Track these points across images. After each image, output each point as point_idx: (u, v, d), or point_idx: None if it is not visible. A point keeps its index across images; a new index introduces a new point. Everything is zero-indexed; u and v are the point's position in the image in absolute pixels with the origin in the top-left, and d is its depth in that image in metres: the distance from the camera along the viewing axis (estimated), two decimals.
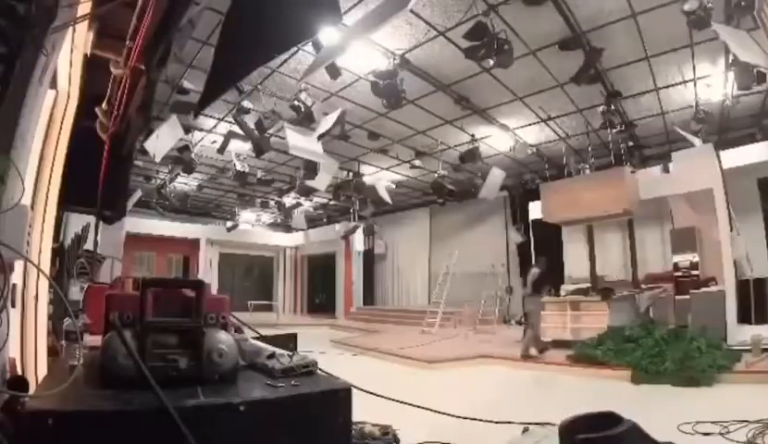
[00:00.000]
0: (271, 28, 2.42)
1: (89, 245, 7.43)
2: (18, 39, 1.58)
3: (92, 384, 1.40)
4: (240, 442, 1.32)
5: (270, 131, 10.09)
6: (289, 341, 5.35)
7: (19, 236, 1.78)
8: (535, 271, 9.85)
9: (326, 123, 8.81)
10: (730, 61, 7.65)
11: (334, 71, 7.64)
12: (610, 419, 1.69)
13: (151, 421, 1.21)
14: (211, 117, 10.70)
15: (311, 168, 11.55)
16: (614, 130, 10.27)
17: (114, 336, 1.40)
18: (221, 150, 11.23)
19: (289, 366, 1.66)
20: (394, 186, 16.86)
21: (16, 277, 2.56)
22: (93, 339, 2.08)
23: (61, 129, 3.60)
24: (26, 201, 2.35)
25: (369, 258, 22.25)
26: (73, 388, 1.31)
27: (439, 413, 4.23)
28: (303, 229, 22.59)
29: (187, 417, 1.25)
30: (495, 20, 6.77)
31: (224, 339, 1.56)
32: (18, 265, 2.52)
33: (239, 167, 12.84)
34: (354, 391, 1.58)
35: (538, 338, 9.19)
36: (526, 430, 4.76)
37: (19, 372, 2.66)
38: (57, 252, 5.83)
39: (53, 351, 3.56)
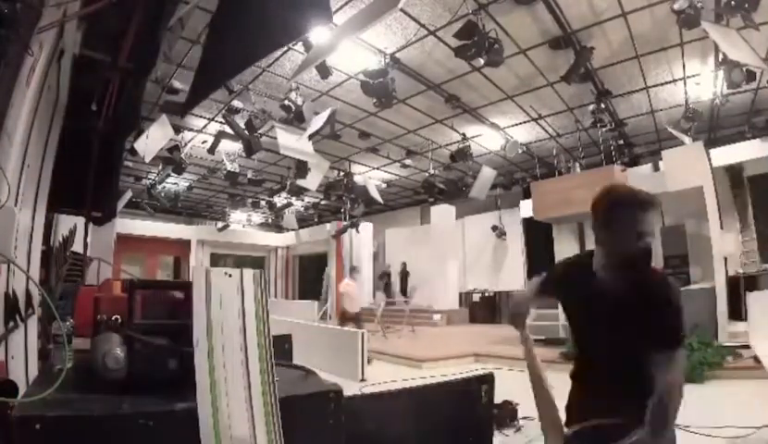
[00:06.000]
0: (260, 27, 2.39)
1: (78, 247, 7.34)
2: (2, 39, 1.55)
3: (80, 388, 1.39)
4: None
5: (261, 131, 10.05)
6: (283, 343, 5.23)
7: (5, 238, 1.75)
8: None
9: (316, 122, 8.76)
10: (720, 60, 7.70)
11: (324, 70, 7.61)
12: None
13: (139, 425, 1.20)
14: (201, 116, 10.63)
15: (302, 168, 11.52)
16: (605, 129, 10.32)
17: (101, 339, 1.38)
18: (212, 150, 11.16)
19: None
20: (385, 185, 16.86)
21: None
22: (82, 342, 2.05)
23: (50, 129, 3.57)
24: (12, 203, 2.32)
25: None
26: (61, 392, 1.30)
27: None
28: (294, 229, 22.49)
29: (176, 421, 1.24)
30: (485, 19, 6.79)
31: None
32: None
33: (229, 167, 12.78)
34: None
35: None
36: (518, 429, 4.78)
37: (8, 376, 2.63)
38: (47, 254, 5.77)
39: (43, 354, 3.53)
